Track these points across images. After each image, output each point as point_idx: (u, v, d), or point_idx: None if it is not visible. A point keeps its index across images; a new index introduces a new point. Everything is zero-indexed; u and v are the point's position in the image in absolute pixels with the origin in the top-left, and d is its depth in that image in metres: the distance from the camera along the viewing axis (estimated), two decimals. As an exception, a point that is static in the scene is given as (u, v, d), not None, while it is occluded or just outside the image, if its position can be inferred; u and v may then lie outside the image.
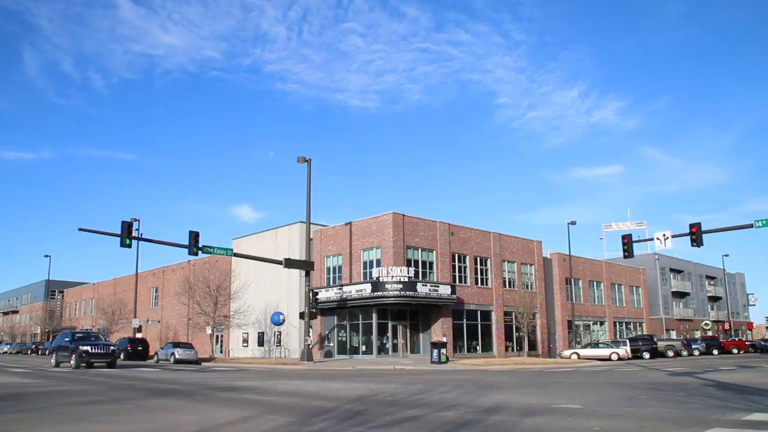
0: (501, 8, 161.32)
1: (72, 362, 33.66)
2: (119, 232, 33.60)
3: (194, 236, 36.06)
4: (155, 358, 48.51)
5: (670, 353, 55.10)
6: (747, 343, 67.29)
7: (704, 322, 79.12)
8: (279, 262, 42.14)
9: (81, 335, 37.23)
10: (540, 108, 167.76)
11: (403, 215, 46.98)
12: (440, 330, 46.69)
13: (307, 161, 42.70)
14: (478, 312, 51.43)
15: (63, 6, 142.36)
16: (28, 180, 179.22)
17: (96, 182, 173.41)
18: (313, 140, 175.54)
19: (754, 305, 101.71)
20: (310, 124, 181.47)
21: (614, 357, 48.82)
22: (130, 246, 34.01)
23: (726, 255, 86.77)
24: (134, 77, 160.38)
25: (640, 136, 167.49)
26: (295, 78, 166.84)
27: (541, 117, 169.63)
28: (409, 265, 45.54)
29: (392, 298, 43.17)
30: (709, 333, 78.14)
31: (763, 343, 68.66)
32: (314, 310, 43.60)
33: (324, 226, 53.62)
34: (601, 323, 66.76)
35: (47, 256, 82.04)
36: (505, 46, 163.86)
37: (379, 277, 43.22)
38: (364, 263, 47.51)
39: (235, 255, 41.66)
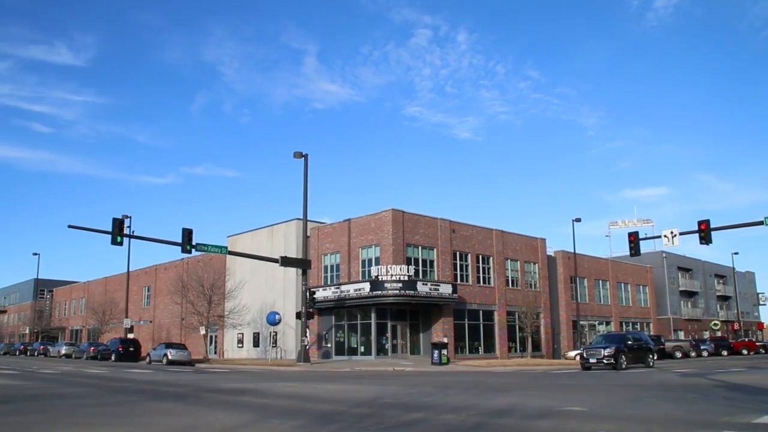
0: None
1: None
2: (110, 230, 33.59)
3: (187, 233, 36.06)
4: (147, 360, 48.53)
5: (678, 354, 55.16)
6: (757, 343, 67.33)
7: (713, 322, 79.22)
8: (275, 260, 42.12)
9: None
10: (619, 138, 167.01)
11: (403, 212, 46.98)
12: (441, 330, 46.73)
13: (303, 156, 42.67)
14: (480, 312, 51.46)
15: (253, 60, 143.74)
16: (15, 176, 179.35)
17: (86, 178, 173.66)
18: (311, 135, 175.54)
19: (764, 305, 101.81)
20: (309, 120, 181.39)
21: (620, 358, 48.83)
22: (121, 244, 34.00)
23: (736, 253, 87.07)
24: (280, 113, 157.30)
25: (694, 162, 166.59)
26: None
27: (619, 148, 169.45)
28: (409, 263, 45.55)
29: (392, 298, 43.18)
30: (718, 333, 78.22)
31: (773, 343, 68.74)
32: (311, 310, 43.59)
33: (321, 223, 53.60)
34: (607, 323, 66.84)
35: (36, 254, 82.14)
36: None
37: (378, 275, 43.23)
38: (363, 261, 47.51)
39: (230, 253, 41.63)
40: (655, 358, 51.48)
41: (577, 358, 49.48)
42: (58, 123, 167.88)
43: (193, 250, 36.86)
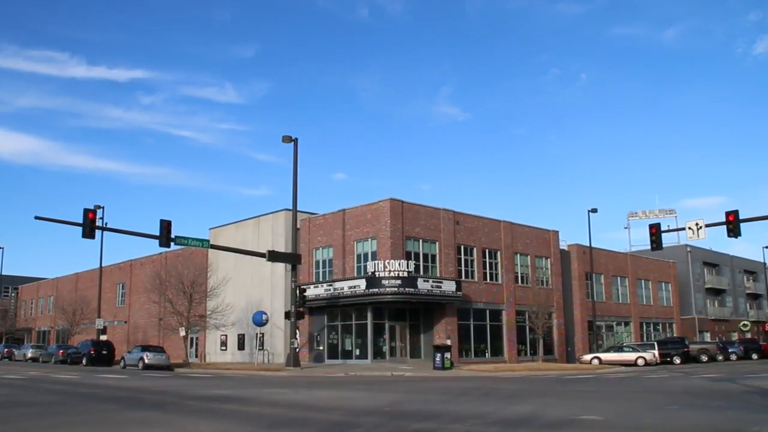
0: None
1: None
2: (81, 221, 33.53)
3: (166, 225, 35.96)
4: (122, 363, 48.47)
5: (704, 357, 55.30)
6: (791, 346, 67.43)
7: (742, 323, 79.32)
8: (262, 255, 42.06)
9: None
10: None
11: (402, 202, 46.93)
12: (444, 331, 46.78)
13: (293, 141, 42.55)
14: (487, 311, 51.51)
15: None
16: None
17: (56, 165, 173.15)
18: (302, 117, 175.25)
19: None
20: (297, 100, 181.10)
21: (640, 362, 48.94)
22: (93, 237, 33.92)
23: (767, 247, 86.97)
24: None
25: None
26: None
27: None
28: (408, 258, 45.54)
29: (390, 296, 43.20)
30: (748, 335, 78.29)
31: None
32: (301, 309, 43.56)
33: (313, 214, 53.52)
34: (626, 324, 66.95)
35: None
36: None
37: (374, 271, 43.24)
38: (358, 256, 47.49)
39: (212, 247, 41.51)
40: (679, 362, 51.87)
41: (594, 362, 49.65)
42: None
43: (172, 243, 36.65)
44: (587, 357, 51.60)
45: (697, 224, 33.16)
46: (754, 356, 59.85)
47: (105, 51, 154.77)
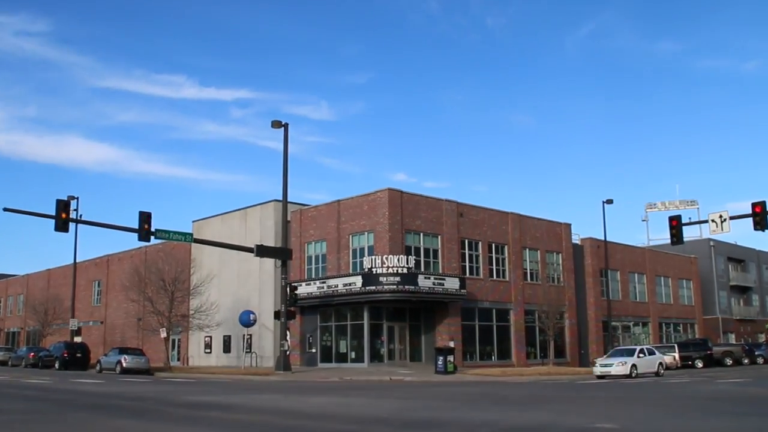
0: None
1: None
2: (53, 213, 33.46)
3: (145, 218, 35.91)
4: (98, 367, 48.48)
5: (728, 361, 55.33)
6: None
7: (770, 323, 79.56)
8: (249, 250, 42.01)
9: None
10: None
11: (402, 192, 46.86)
12: (446, 332, 46.78)
13: (283, 126, 42.44)
14: (493, 311, 51.53)
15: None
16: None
17: (129, 173, 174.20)
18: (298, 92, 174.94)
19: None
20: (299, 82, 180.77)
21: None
22: (66, 230, 33.87)
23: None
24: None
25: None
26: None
27: None
28: (408, 253, 45.52)
29: (388, 294, 43.18)
30: (776, 336, 78.53)
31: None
32: (292, 309, 43.53)
33: (305, 205, 53.44)
34: (644, 324, 67.01)
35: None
36: None
37: (371, 267, 43.21)
38: (354, 251, 47.46)
39: (195, 241, 41.44)
40: (701, 365, 51.85)
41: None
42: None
43: (152, 237, 36.66)
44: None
45: (720, 216, 33.15)
46: (783, 359, 59.82)
47: (221, 75, 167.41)
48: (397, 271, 42.84)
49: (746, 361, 56.70)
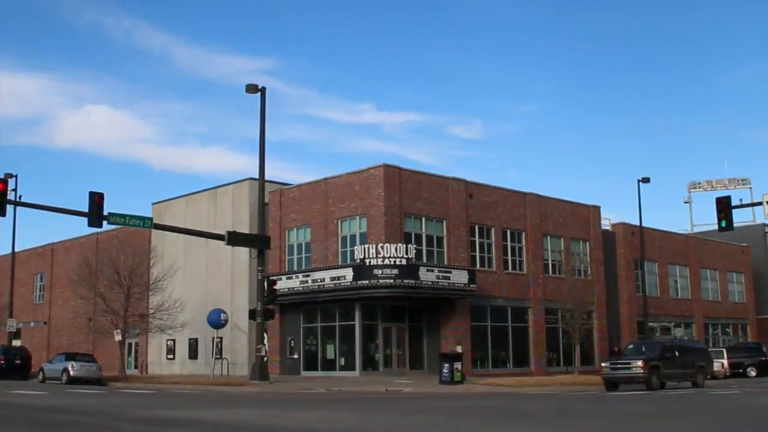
0: None
1: None
2: (-15, 194, 33.27)
3: (96, 199, 35.76)
4: (40, 376, 48.47)
5: (788, 368, 55.24)
6: None
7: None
8: (219, 237, 41.89)
9: None
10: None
11: (400, 169, 46.74)
12: (453, 335, 46.80)
13: (259, 90, 42.24)
14: (508, 309, 51.56)
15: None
16: None
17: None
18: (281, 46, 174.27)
19: None
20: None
21: (704, 374, 49.05)
22: (4, 214, 33.73)
23: None
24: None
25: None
26: None
27: None
28: (408, 241, 45.42)
29: (384, 290, 43.14)
30: None
31: None
32: (271, 307, 43.43)
33: (285, 185, 53.33)
34: (686, 325, 67.12)
35: None
36: None
37: (364, 258, 43.13)
38: (344, 239, 47.40)
39: (156, 227, 41.32)
40: (754, 374, 51.86)
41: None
42: None
43: (105, 222, 36.57)
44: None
45: (778, 198, 33.06)
46: None
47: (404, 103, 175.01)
48: (394, 262, 42.76)
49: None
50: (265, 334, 42.43)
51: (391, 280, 42.77)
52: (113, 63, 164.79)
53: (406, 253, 43.22)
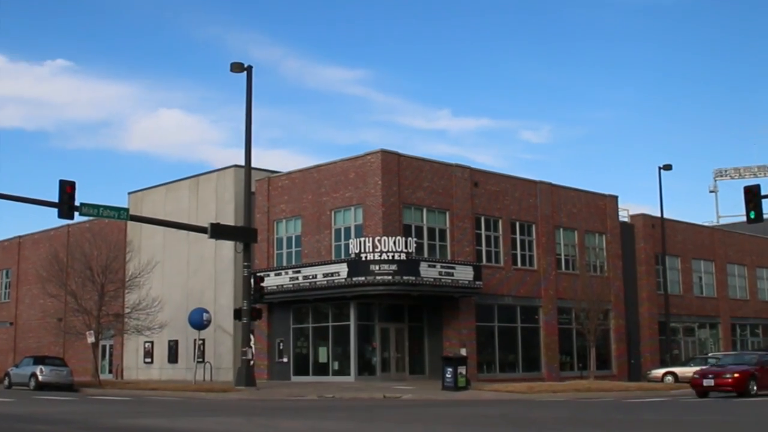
0: None
1: None
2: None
3: (67, 188, 35.69)
4: (6, 381, 48.50)
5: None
6: None
7: None
8: (202, 230, 41.82)
9: None
10: None
11: (399, 155, 46.65)
12: (457, 337, 46.78)
13: (246, 69, 42.13)
14: (517, 308, 51.55)
15: None
16: None
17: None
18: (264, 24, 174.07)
19: None
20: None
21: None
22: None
23: None
24: None
25: None
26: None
27: None
28: (408, 234, 45.37)
29: (381, 287, 43.11)
30: None
31: None
32: (258, 306, 43.45)
33: (274, 172, 53.24)
34: (712, 326, 67.10)
35: None
36: None
37: (360, 253, 43.08)
38: (338, 231, 47.33)
39: (132, 218, 41.23)
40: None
41: (668, 379, 49.75)
42: None
43: (77, 213, 36.51)
44: (658, 372, 51.69)
45: (812, 187, 33.03)
46: None
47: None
48: (392, 257, 42.71)
49: None
50: (251, 336, 42.41)
51: (390, 277, 42.74)
52: (201, 70, 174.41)
53: (406, 247, 43.16)
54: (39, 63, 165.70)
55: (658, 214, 60.33)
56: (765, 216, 35.08)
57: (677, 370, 50.96)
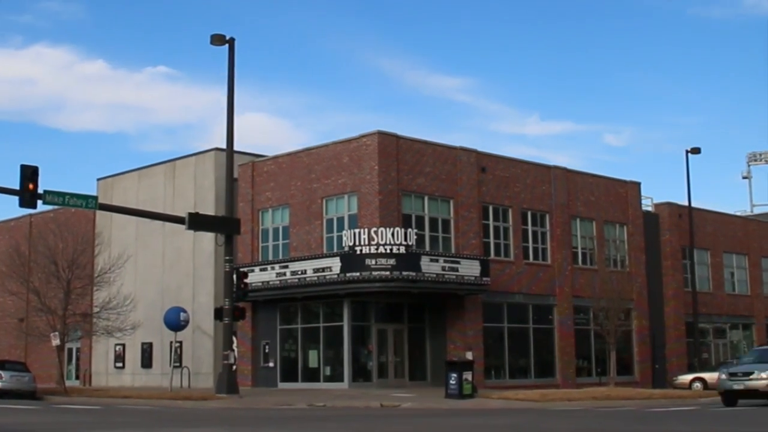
0: None
1: None
2: None
3: (30, 174, 35.64)
4: (-38, 389, 48.50)
5: None
6: None
7: None
8: (179, 220, 41.76)
9: None
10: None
11: (398, 137, 46.58)
12: (462, 339, 46.82)
13: (228, 42, 42.02)
14: (529, 307, 51.59)
15: None
16: None
17: None
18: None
19: None
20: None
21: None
22: None
23: None
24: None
25: None
26: None
27: None
28: (407, 225, 45.35)
29: (378, 284, 43.11)
30: None
31: None
32: (241, 305, 43.38)
33: (259, 156, 53.18)
34: (745, 327, 67.15)
35: None
36: None
37: (355, 245, 43.05)
38: (329, 222, 47.31)
39: (101, 207, 41.21)
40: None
41: (696, 385, 49.78)
42: None
43: (40, 202, 36.47)
44: (685, 378, 51.76)
45: None
46: None
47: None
48: (390, 250, 42.71)
49: None
50: (234, 338, 42.40)
51: (387, 272, 42.72)
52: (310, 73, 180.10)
53: (405, 240, 43.15)
54: (138, 70, 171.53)
55: (686, 203, 60.31)
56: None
57: (706, 375, 50.99)
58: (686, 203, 60.11)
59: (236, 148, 43.43)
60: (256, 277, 46.52)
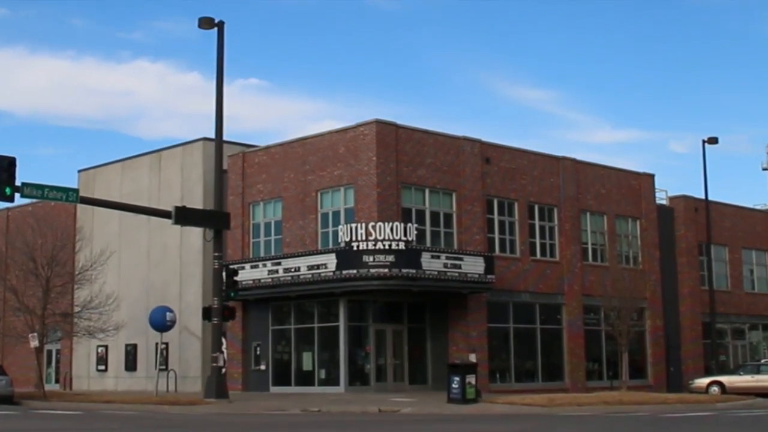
0: None
1: None
2: None
3: (6, 165, 35.62)
4: (-66, 393, 48.51)
5: None
6: None
7: None
8: (165, 214, 41.74)
9: None
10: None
11: (397, 126, 46.53)
12: (465, 340, 46.82)
13: (216, 25, 41.98)
14: (536, 307, 51.60)
15: None
16: None
17: None
18: None
19: None
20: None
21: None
22: None
23: None
24: None
25: None
26: None
27: None
28: (407, 219, 45.35)
29: (376, 282, 43.09)
30: None
31: None
32: (231, 305, 43.39)
33: (250, 147, 53.15)
34: (765, 327, 67.16)
35: None
36: None
37: (351, 241, 43.05)
38: (324, 216, 47.31)
39: (83, 201, 41.08)
40: None
41: (713, 389, 49.78)
42: None
43: (18, 195, 36.43)
44: (702, 381, 51.74)
45: None
46: None
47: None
48: (389, 246, 42.70)
49: None
50: (223, 339, 42.45)
51: (386, 270, 42.72)
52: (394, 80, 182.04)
53: (405, 235, 43.13)
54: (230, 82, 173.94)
55: (702, 196, 60.32)
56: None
57: (725, 379, 51.07)
58: (703, 196, 60.13)
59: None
60: (246, 275, 46.48)
